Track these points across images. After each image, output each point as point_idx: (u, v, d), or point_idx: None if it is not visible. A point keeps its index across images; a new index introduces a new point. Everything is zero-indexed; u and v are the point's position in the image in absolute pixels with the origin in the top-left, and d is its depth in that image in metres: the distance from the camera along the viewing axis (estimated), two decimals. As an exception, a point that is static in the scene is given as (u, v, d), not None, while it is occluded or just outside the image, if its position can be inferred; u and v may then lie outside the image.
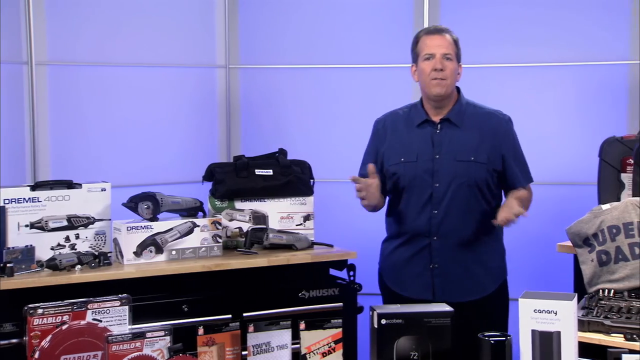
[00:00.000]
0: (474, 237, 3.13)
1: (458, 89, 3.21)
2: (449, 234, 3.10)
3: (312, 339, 2.17)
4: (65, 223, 3.12)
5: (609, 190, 3.43)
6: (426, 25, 4.35)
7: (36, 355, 2.77)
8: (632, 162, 3.33)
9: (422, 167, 3.11)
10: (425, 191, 3.10)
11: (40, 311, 2.78)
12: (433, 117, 3.16)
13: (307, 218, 3.52)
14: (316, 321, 2.19)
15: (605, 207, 3.12)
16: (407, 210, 3.15)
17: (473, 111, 3.18)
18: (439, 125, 3.15)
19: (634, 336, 2.75)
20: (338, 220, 4.14)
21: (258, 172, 3.49)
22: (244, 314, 3.06)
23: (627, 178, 3.40)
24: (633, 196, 3.25)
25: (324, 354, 2.18)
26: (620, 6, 4.25)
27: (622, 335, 2.78)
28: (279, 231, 3.43)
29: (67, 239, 3.12)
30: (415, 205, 3.13)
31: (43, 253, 3.06)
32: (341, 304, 3.33)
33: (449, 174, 3.09)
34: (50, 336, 2.78)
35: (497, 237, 3.22)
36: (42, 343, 2.77)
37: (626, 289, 2.98)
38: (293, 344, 2.21)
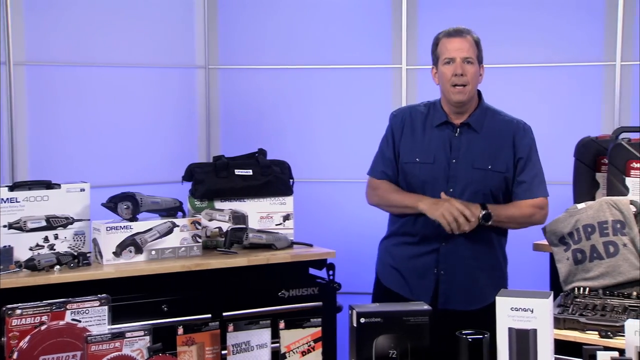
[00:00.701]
0: (483, 245, 3.05)
1: (479, 92, 3.10)
2: (459, 241, 2.99)
3: (291, 338, 2.17)
4: (44, 223, 3.09)
5: (584, 189, 3.46)
6: (404, 25, 4.38)
7: (15, 356, 2.75)
8: (607, 162, 3.36)
9: (438, 170, 3.01)
10: (439, 195, 2.97)
11: (18, 312, 2.76)
12: (453, 119, 3.05)
13: (286, 218, 3.52)
14: (296, 320, 2.19)
15: (580, 206, 3.14)
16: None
17: (493, 117, 3.08)
18: (458, 129, 3.04)
19: (609, 333, 2.77)
20: (317, 220, 4.14)
21: (238, 172, 3.49)
22: (224, 314, 3.06)
23: (601, 178, 3.43)
24: (607, 195, 3.28)
25: (303, 353, 2.18)
26: (595, 9, 4.28)
27: (597, 333, 2.80)
28: (259, 231, 3.43)
29: (46, 239, 3.10)
30: None
31: (22, 253, 3.04)
32: (320, 303, 3.33)
33: (464, 180, 3.00)
34: (29, 337, 2.76)
35: (502, 245, 3.15)
36: (21, 344, 2.75)
37: (601, 287, 3.01)
38: (273, 343, 2.21)
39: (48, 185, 3.13)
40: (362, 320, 2.19)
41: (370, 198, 3.18)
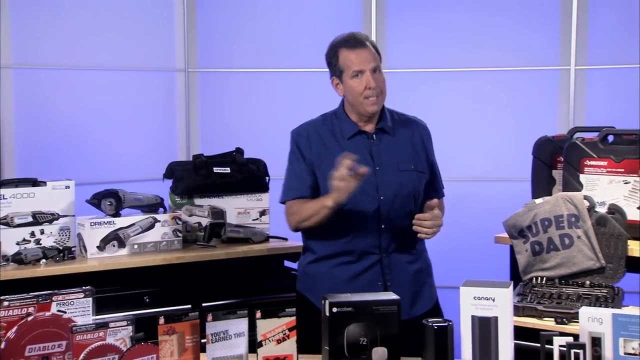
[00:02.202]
0: (418, 247, 2.82)
1: None
2: (399, 247, 2.74)
3: (267, 327, 2.16)
4: (30, 219, 3.07)
5: (541, 185, 3.48)
6: (373, 30, 4.37)
7: (2, 346, 2.72)
8: (562, 159, 3.38)
9: (365, 181, 2.62)
10: (371, 206, 2.70)
11: (6, 303, 2.73)
12: (364, 127, 2.77)
13: (262, 213, 3.51)
14: (271, 310, 2.18)
15: (538, 201, 3.16)
16: (352, 227, 2.70)
17: (398, 118, 2.85)
18: (373, 136, 2.77)
19: (564, 320, 2.79)
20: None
21: (216, 170, 3.48)
22: (203, 304, 3.04)
23: (557, 174, 3.45)
24: (563, 191, 3.30)
25: (278, 341, 2.17)
26: (551, 17, 4.32)
27: (553, 319, 2.82)
28: (236, 226, 3.42)
29: (32, 234, 3.07)
30: (361, 222, 2.70)
31: (9, 248, 3.01)
32: (295, 293, 3.32)
33: (393, 185, 2.72)
34: (16, 327, 2.73)
35: (424, 242, 2.87)
36: (8, 334, 2.72)
37: (557, 277, 3.03)
38: (250, 331, 2.20)
39: (34, 182, 3.11)
40: (334, 309, 2.18)
41: (289, 223, 2.77)
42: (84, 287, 2.87)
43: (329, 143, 2.78)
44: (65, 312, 2.81)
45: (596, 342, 2.15)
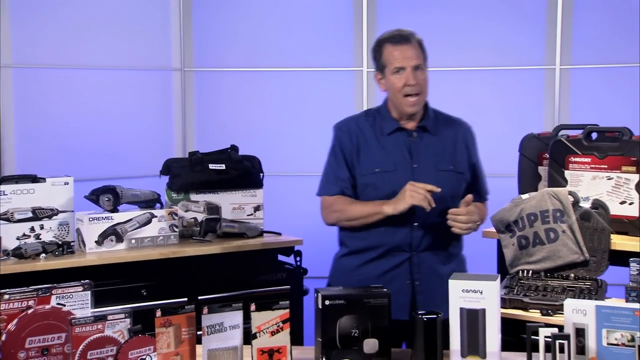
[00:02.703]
0: (451, 248, 2.72)
1: None
2: (431, 247, 2.65)
3: (262, 319, 2.16)
4: (30, 215, 3.06)
5: (527, 181, 3.49)
6: (364, 30, 4.37)
7: (3, 338, 2.72)
8: (548, 156, 3.39)
9: (401, 178, 2.60)
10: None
11: (6, 297, 2.73)
12: (405, 124, 2.69)
13: (257, 208, 3.51)
14: (266, 303, 2.18)
15: (524, 196, 3.17)
16: (384, 223, 2.61)
17: (441, 118, 2.76)
18: (414, 133, 2.69)
19: (549, 311, 2.80)
20: (285, 210, 4.13)
21: (212, 166, 3.47)
22: (199, 297, 3.03)
23: (543, 171, 3.46)
24: (549, 187, 3.31)
25: (272, 333, 2.17)
26: (537, 18, 4.32)
27: (539, 311, 2.83)
28: (231, 221, 3.41)
29: (32, 229, 3.06)
30: (395, 218, 2.59)
31: (9, 242, 3.00)
32: (288, 286, 3.32)
33: (430, 185, 2.59)
34: (16, 320, 2.72)
35: (462, 246, 2.84)
36: (9, 326, 2.72)
37: (543, 270, 3.03)
38: (244, 324, 2.19)
39: (34, 179, 3.10)
40: (327, 302, 2.19)
41: (327, 217, 2.76)
42: (82, 281, 2.86)
43: (368, 138, 2.70)
44: (64, 305, 2.80)
45: (580, 332, 2.16)
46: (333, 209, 2.72)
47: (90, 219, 3.10)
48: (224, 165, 3.48)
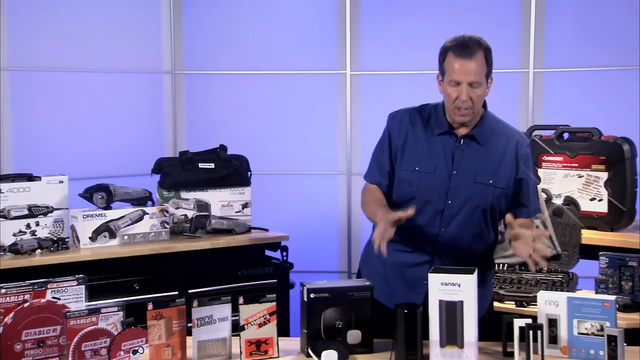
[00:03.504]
0: (476, 260, 2.44)
1: (484, 102, 2.58)
2: (453, 255, 2.47)
3: (249, 311, 2.16)
4: (26, 212, 3.04)
5: (503, 179, 3.49)
6: (348, 36, 4.36)
7: (0, 331, 2.70)
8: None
9: (437, 181, 2.46)
10: (437, 206, 2.46)
11: (3, 291, 2.71)
12: (457, 129, 2.51)
13: (245, 206, 3.50)
14: (253, 296, 2.18)
15: (500, 194, 3.17)
16: (414, 221, 2.44)
17: (497, 129, 2.55)
18: (461, 140, 2.50)
19: (524, 303, 2.82)
20: (272, 207, 4.12)
21: (201, 165, 3.46)
22: (189, 291, 3.03)
23: (518, 169, 3.47)
24: (523, 184, 3.32)
25: (260, 325, 2.17)
26: (512, 24, 4.34)
27: (514, 302, 2.85)
28: (220, 217, 3.41)
29: (28, 226, 3.04)
30: (424, 219, 2.47)
31: (6, 239, 2.98)
32: (275, 280, 3.32)
33: (465, 194, 2.46)
34: (13, 313, 2.71)
35: (492, 263, 2.64)
36: (6, 319, 2.70)
37: (517, 263, 3.05)
38: (233, 316, 2.19)
39: (30, 177, 3.08)
40: (312, 295, 2.19)
41: (361, 205, 2.61)
42: (77, 276, 2.85)
43: (418, 133, 2.54)
44: (59, 299, 2.79)
45: (552, 323, 2.17)
46: (363, 196, 2.59)
47: (84, 216, 3.08)
48: (213, 164, 3.47)
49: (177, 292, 3.03)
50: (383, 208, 2.42)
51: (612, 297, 2.16)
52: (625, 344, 2.05)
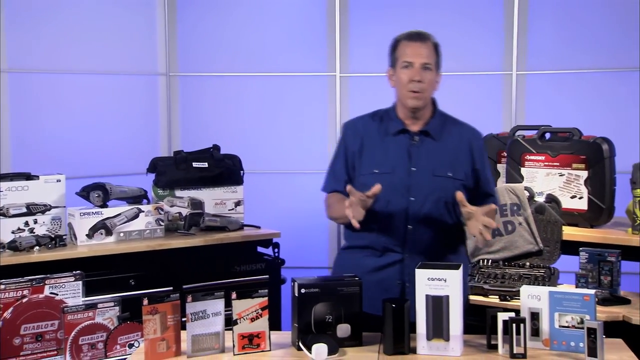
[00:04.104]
0: (445, 253, 2.47)
1: (433, 99, 2.57)
2: (423, 250, 2.43)
3: (242, 306, 2.15)
4: (24, 210, 3.02)
5: (487, 178, 3.50)
6: (337, 39, 4.37)
7: (-1, 326, 2.69)
8: (506, 155, 3.41)
9: (397, 180, 2.44)
10: (401, 205, 2.42)
11: (2, 286, 2.70)
12: (410, 126, 2.50)
13: (237, 204, 3.50)
14: (246, 291, 2.17)
15: (484, 192, 3.18)
16: (379, 223, 2.43)
17: (449, 124, 2.55)
18: (416, 137, 2.48)
19: (507, 297, 2.83)
20: (264, 205, 4.12)
21: (195, 164, 3.45)
22: (183, 286, 3.02)
23: (502, 168, 3.49)
24: (507, 183, 3.33)
25: (252, 319, 2.16)
26: (495, 28, 4.35)
27: (497, 297, 2.86)
28: (214, 215, 3.40)
29: (27, 223, 3.02)
30: (389, 219, 2.44)
31: (5, 236, 2.96)
32: (267, 276, 3.32)
33: (426, 189, 2.43)
34: (12, 308, 2.70)
35: (462, 253, 2.58)
36: (5, 314, 2.69)
37: (501, 259, 3.06)
38: (226, 311, 2.19)
39: (28, 176, 3.07)
40: (303, 290, 2.18)
41: (327, 214, 2.60)
42: (74, 272, 2.85)
43: (373, 137, 2.53)
44: (57, 294, 2.78)
45: (535, 316, 2.18)
46: (327, 205, 2.59)
47: (81, 214, 3.07)
48: (206, 163, 3.46)
49: (171, 288, 3.00)
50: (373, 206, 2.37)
51: (592, 291, 2.17)
52: (604, 336, 2.06)
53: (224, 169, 3.48)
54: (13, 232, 2.99)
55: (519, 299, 2.27)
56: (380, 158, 2.48)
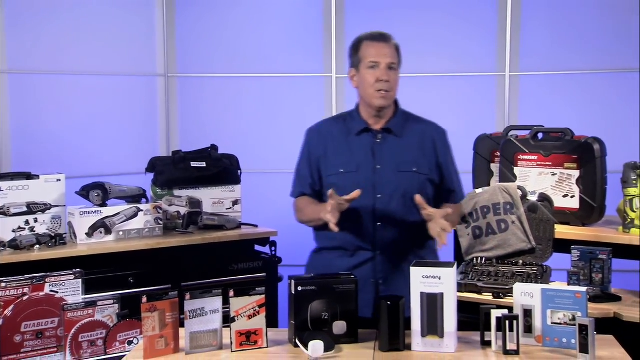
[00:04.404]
0: (415, 248, 2.47)
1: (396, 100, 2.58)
2: (393, 247, 2.44)
3: (239, 304, 2.16)
4: (25, 209, 3.02)
5: (481, 177, 3.52)
6: (333, 41, 4.37)
7: (0, 323, 2.69)
8: (499, 154, 3.42)
9: (363, 178, 2.43)
10: (368, 203, 2.41)
11: (3, 284, 2.70)
12: (373, 125, 2.49)
13: (235, 203, 3.50)
14: (243, 289, 2.17)
15: (478, 191, 3.20)
16: (348, 223, 2.40)
17: (412, 121, 2.55)
18: (379, 135, 2.49)
19: (501, 294, 2.84)
20: (261, 204, 4.12)
21: (193, 164, 3.45)
22: (182, 284, 3.02)
23: (495, 167, 3.49)
24: (500, 182, 3.34)
25: (249, 317, 2.17)
26: (488, 30, 4.36)
27: (491, 294, 2.86)
28: (212, 214, 3.40)
29: (27, 222, 3.02)
30: (357, 218, 2.43)
31: (5, 235, 2.96)
32: (264, 274, 3.32)
33: (391, 185, 2.44)
34: (12, 306, 2.70)
35: (430, 247, 2.52)
36: (6, 312, 2.69)
37: (494, 257, 3.07)
38: (224, 308, 2.19)
39: (28, 176, 3.06)
40: (299, 288, 2.19)
41: (297, 217, 2.61)
42: (74, 270, 2.85)
43: (337, 140, 2.52)
44: (57, 292, 2.78)
45: (528, 313, 2.18)
46: (296, 209, 2.60)
47: (81, 213, 3.07)
48: (204, 163, 3.46)
49: (170, 286, 3.01)
50: (326, 203, 2.38)
51: (584, 289, 2.17)
52: (595, 333, 2.06)
53: (222, 169, 3.48)
54: (14, 231, 2.99)
55: (512, 296, 2.27)
56: (345, 158, 2.49)
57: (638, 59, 4.16)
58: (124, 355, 2.21)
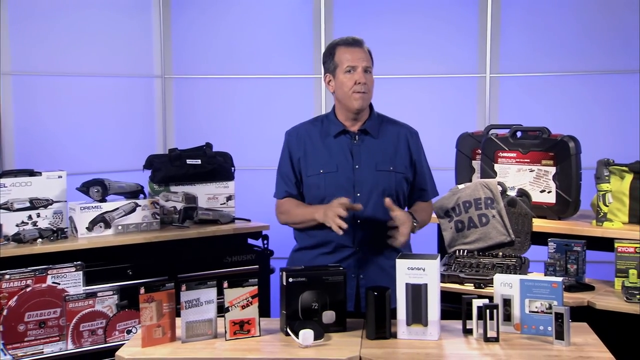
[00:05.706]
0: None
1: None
2: (373, 243, 2.45)
3: (233, 295, 2.15)
4: (28, 204, 3.00)
5: (463, 173, 3.53)
6: (322, 43, 4.36)
7: (4, 313, 2.68)
8: (480, 152, 3.42)
9: (343, 178, 2.45)
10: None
11: (7, 277, 2.69)
12: (350, 127, 2.51)
13: (229, 198, 3.49)
14: (237, 281, 2.17)
15: (461, 186, 3.20)
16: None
17: (386, 123, 2.57)
18: (356, 136, 2.50)
19: (482, 285, 2.84)
20: (254, 199, 4.11)
21: (189, 161, 3.44)
22: (178, 276, 3.01)
23: (476, 164, 3.50)
24: (481, 178, 3.34)
25: (243, 307, 2.16)
26: (469, 32, 4.37)
27: (472, 285, 2.87)
28: (207, 209, 3.39)
29: (30, 217, 3.00)
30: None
31: (9, 229, 2.94)
32: (257, 266, 3.31)
33: (369, 184, 2.45)
34: (16, 297, 2.69)
35: (407, 243, 2.50)
36: (10, 303, 2.68)
37: (476, 249, 3.07)
38: (218, 299, 2.18)
39: (31, 173, 3.05)
40: (290, 279, 2.18)
41: (279, 219, 2.60)
42: (75, 262, 2.83)
43: (315, 142, 2.53)
44: (59, 284, 2.77)
45: (507, 302, 2.19)
46: (280, 211, 2.58)
47: (82, 208, 3.05)
48: (199, 160, 3.45)
49: (167, 277, 3.00)
50: (321, 204, 2.42)
51: (559, 279, 2.18)
52: (570, 320, 2.07)
53: (216, 166, 3.47)
54: (17, 225, 2.97)
55: (492, 286, 2.28)
56: (324, 159, 2.49)
57: (610, 61, 4.18)
58: (123, 344, 2.20)
